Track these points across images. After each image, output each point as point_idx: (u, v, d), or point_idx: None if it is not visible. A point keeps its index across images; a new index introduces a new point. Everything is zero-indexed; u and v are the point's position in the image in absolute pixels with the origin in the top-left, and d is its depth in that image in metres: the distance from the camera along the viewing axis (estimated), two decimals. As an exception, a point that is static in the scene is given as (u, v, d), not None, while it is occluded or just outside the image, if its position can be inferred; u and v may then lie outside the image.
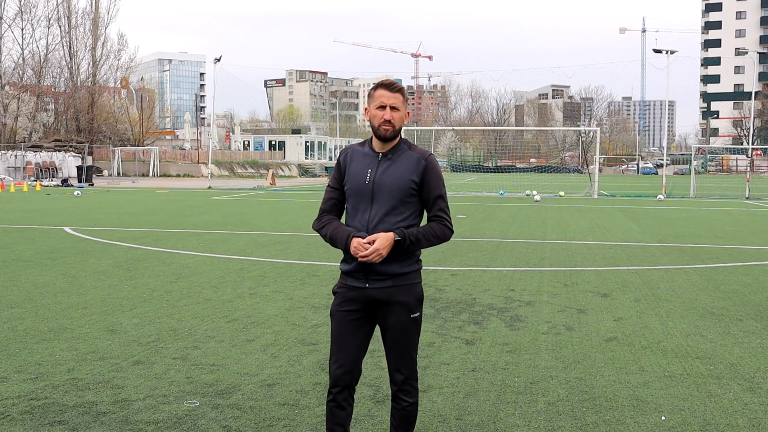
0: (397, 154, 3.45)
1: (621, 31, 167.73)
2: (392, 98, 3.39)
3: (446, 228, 3.49)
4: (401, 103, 3.41)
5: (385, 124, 3.38)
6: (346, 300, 3.47)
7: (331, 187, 3.54)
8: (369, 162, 3.45)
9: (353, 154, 3.51)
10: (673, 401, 4.87)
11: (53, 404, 4.69)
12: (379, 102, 3.40)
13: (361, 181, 3.42)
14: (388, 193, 3.39)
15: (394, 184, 3.39)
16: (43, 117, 67.04)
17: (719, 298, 8.54)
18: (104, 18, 70.60)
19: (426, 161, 3.44)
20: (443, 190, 3.50)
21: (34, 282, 9.16)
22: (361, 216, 3.42)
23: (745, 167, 50.19)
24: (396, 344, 3.48)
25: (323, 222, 3.52)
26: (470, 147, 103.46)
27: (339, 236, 3.41)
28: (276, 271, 10.20)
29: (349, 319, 3.47)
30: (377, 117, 3.39)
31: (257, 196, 31.38)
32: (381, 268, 3.38)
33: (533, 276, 10.06)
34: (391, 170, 3.41)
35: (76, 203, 25.17)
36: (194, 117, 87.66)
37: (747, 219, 21.01)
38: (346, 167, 3.49)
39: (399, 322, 3.44)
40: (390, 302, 3.42)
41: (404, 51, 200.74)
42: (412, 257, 3.48)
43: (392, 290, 3.41)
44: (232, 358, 5.81)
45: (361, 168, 3.45)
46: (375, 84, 3.47)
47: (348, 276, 3.47)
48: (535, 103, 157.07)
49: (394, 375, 3.53)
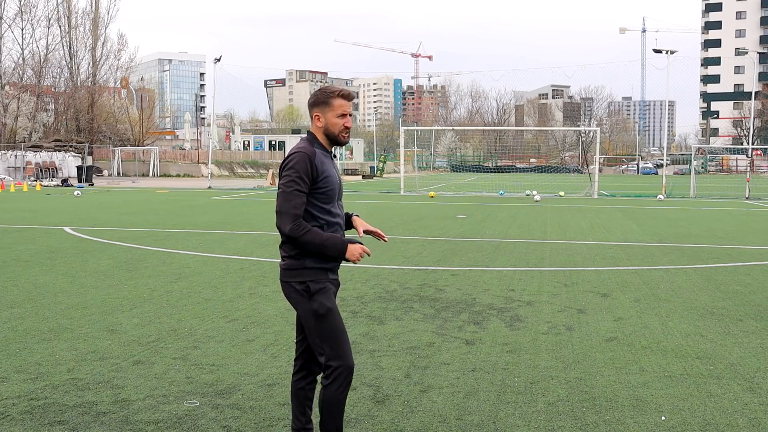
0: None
1: (621, 31, 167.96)
2: (350, 107, 3.71)
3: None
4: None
5: (345, 132, 3.68)
6: (332, 293, 3.70)
7: (301, 191, 3.55)
8: (331, 163, 3.72)
9: (318, 156, 3.63)
10: (673, 401, 4.87)
11: (53, 404, 4.69)
12: (341, 111, 3.66)
13: (336, 181, 3.69)
14: (342, 189, 3.81)
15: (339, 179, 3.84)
16: (43, 117, 67.05)
17: (719, 298, 8.54)
18: (104, 18, 70.75)
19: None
20: None
21: (34, 282, 9.16)
22: (340, 213, 3.73)
23: (745, 167, 50.19)
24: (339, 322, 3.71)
25: (304, 228, 3.55)
26: (470, 147, 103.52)
27: (331, 243, 3.58)
28: (276, 271, 10.19)
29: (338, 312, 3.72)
30: (338, 125, 3.66)
31: (257, 196, 31.38)
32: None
33: (533, 276, 10.06)
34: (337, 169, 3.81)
35: (76, 203, 25.17)
36: (194, 117, 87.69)
37: (747, 219, 21.01)
38: (320, 169, 3.61)
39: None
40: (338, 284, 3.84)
41: (404, 51, 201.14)
42: None
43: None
44: (232, 358, 5.81)
45: (331, 169, 3.68)
46: (327, 92, 3.69)
47: (330, 272, 3.70)
48: (535, 103, 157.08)
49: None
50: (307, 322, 3.64)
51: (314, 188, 3.58)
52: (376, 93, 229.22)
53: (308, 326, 3.64)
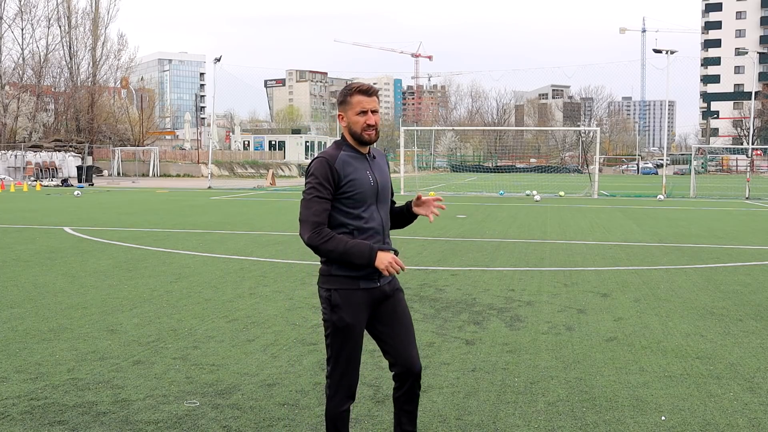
0: (374, 153, 3.65)
1: (621, 31, 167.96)
2: (371, 102, 3.48)
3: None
4: (377, 105, 3.53)
5: (368, 129, 3.46)
6: (362, 306, 3.47)
7: (323, 198, 3.38)
8: (364, 164, 3.51)
9: (344, 159, 3.44)
10: (673, 401, 4.87)
11: (53, 404, 4.69)
12: (359, 108, 3.46)
13: (368, 183, 3.47)
14: (387, 191, 3.62)
15: (388, 181, 3.64)
16: (43, 117, 67.06)
17: (719, 298, 8.54)
18: (104, 18, 70.76)
19: (386, 158, 3.75)
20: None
21: (34, 282, 9.16)
22: (375, 217, 3.52)
23: (745, 167, 50.19)
24: (408, 327, 3.63)
25: (325, 236, 3.37)
26: (470, 147, 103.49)
27: (357, 251, 3.35)
28: (276, 271, 10.20)
29: (361, 328, 3.49)
30: (359, 123, 3.46)
31: (257, 196, 31.37)
32: None
33: (533, 276, 10.05)
34: (380, 169, 3.61)
35: (76, 203, 25.17)
36: (194, 117, 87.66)
37: (747, 219, 21.01)
38: (344, 173, 3.41)
39: (405, 307, 3.67)
40: (395, 291, 3.64)
41: (404, 51, 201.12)
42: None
43: (393, 281, 3.65)
44: (232, 358, 5.81)
45: (361, 171, 3.47)
46: (346, 90, 3.54)
47: (360, 279, 3.46)
48: (535, 103, 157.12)
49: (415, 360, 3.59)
50: (325, 330, 3.53)
51: (339, 193, 3.40)
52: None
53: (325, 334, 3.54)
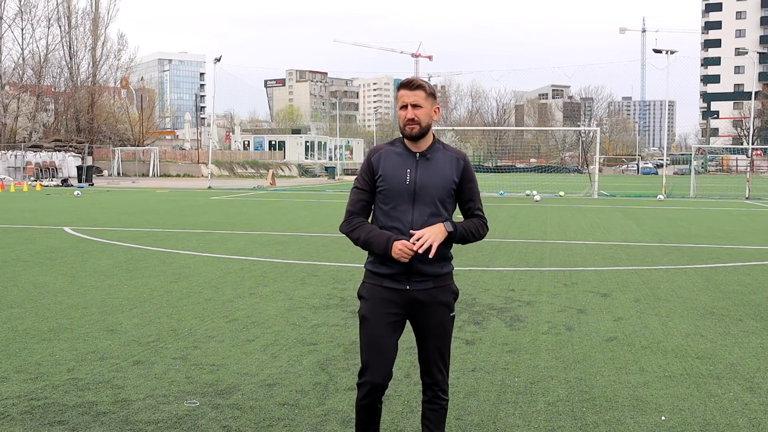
0: (434, 153, 3.41)
1: (621, 31, 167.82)
2: (412, 96, 3.33)
3: (485, 225, 3.56)
4: (423, 99, 3.34)
5: (409, 123, 3.33)
6: (383, 302, 3.40)
7: (360, 189, 3.44)
8: (406, 162, 3.38)
9: (385, 153, 3.41)
10: (673, 401, 4.86)
11: (53, 404, 4.69)
12: (401, 102, 3.37)
13: (401, 181, 3.35)
14: (432, 193, 3.36)
15: (438, 184, 3.37)
16: (43, 117, 67.08)
17: (719, 298, 8.54)
18: (104, 18, 70.83)
19: (464, 161, 3.47)
20: (478, 189, 3.55)
21: (34, 282, 9.16)
22: (402, 217, 3.35)
23: (745, 167, 50.18)
24: (439, 344, 3.49)
25: (354, 225, 3.41)
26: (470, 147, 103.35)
27: (376, 240, 3.33)
28: (276, 271, 10.20)
29: (387, 321, 3.40)
30: (401, 117, 3.36)
31: (257, 196, 31.38)
32: (423, 268, 3.37)
33: (533, 276, 10.05)
34: (432, 170, 3.37)
35: (76, 203, 25.16)
36: (194, 117, 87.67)
37: (747, 219, 21.01)
38: (379, 168, 3.39)
39: (442, 322, 3.46)
40: (432, 303, 3.42)
41: (404, 51, 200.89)
42: (449, 257, 3.49)
43: (433, 291, 3.41)
44: (232, 358, 5.81)
45: (398, 168, 3.37)
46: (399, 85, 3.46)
47: (386, 278, 3.40)
48: (535, 103, 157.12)
49: (434, 375, 3.53)
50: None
51: (376, 187, 3.41)
52: (376, 93, 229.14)
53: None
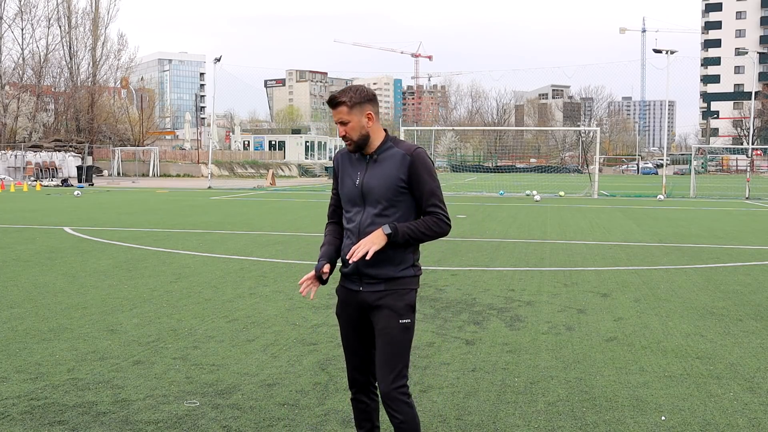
0: (383, 154, 3.36)
1: (621, 31, 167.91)
2: (337, 114, 3.33)
3: (441, 221, 3.33)
4: (347, 114, 3.30)
5: (344, 140, 3.38)
6: (345, 302, 3.50)
7: (333, 192, 3.58)
8: (357, 165, 3.41)
9: (342, 158, 3.49)
10: (673, 401, 4.87)
11: (53, 404, 4.69)
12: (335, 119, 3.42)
13: (351, 184, 3.38)
14: (377, 195, 3.31)
15: (382, 185, 3.30)
16: (43, 117, 67.07)
17: (719, 298, 8.54)
18: (104, 18, 70.74)
19: (411, 156, 3.30)
20: (434, 182, 3.34)
21: (34, 282, 9.16)
22: (355, 219, 3.38)
23: (745, 167, 50.17)
24: (383, 350, 3.33)
25: (325, 234, 3.61)
26: (470, 147, 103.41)
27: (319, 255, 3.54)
28: (276, 271, 10.20)
29: (350, 320, 3.49)
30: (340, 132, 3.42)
31: (257, 196, 31.38)
32: (373, 271, 3.32)
33: (533, 276, 10.05)
34: (378, 171, 3.32)
35: (76, 203, 25.16)
36: (194, 117, 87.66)
37: (747, 219, 21.01)
38: (338, 171, 3.50)
39: (388, 327, 3.32)
40: (380, 306, 3.33)
41: (404, 51, 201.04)
42: (407, 261, 3.37)
43: (383, 294, 3.33)
44: (232, 358, 5.81)
45: (351, 171, 3.42)
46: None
47: (346, 279, 3.47)
48: (535, 103, 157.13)
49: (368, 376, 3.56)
50: None
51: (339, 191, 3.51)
52: (376, 93, 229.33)
53: None
